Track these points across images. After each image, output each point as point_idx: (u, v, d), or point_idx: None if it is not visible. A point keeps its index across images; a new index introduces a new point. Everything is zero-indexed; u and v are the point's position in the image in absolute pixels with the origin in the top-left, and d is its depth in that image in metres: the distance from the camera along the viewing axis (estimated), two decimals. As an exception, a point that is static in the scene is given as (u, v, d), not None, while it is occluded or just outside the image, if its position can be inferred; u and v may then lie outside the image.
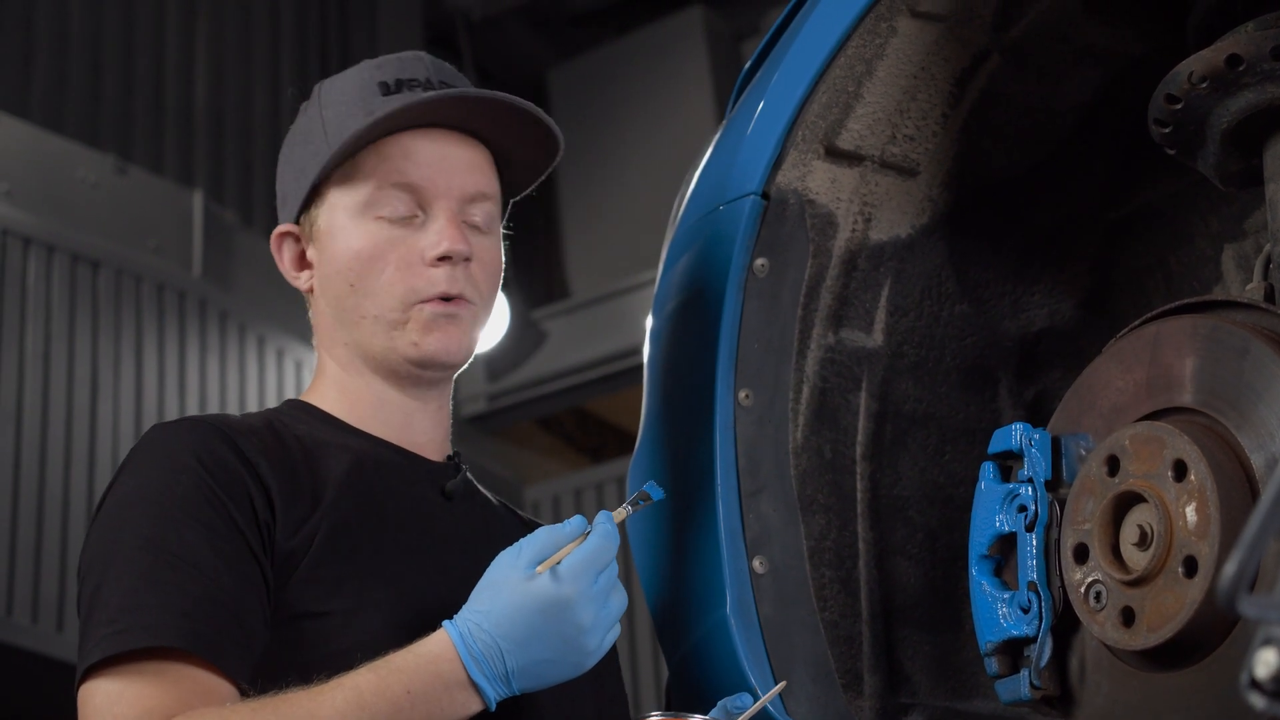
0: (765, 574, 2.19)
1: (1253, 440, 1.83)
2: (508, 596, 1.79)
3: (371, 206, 1.99)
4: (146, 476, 1.86)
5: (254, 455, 1.87)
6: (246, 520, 1.83)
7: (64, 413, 5.40)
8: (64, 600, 5.26)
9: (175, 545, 1.79)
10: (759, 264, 2.25)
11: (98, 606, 1.78)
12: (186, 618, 1.75)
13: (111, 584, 1.78)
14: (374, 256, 1.98)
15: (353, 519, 1.89)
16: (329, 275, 2.01)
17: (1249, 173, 2.08)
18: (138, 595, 1.76)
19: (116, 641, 1.74)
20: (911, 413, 2.36)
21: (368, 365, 2.01)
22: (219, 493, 1.83)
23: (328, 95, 2.04)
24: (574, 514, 1.90)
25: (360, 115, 1.99)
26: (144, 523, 1.81)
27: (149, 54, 6.57)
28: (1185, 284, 2.40)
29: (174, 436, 1.89)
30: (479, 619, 1.78)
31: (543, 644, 1.78)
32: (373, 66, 2.05)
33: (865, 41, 2.25)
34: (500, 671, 1.77)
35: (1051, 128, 2.38)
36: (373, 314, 1.98)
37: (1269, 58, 1.96)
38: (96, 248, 5.65)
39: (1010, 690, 2.02)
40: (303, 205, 2.03)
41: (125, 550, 1.80)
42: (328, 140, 1.99)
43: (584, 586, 1.80)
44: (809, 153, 2.27)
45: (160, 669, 1.74)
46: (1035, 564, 2.00)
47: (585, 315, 7.20)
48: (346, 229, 2.00)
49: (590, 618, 1.80)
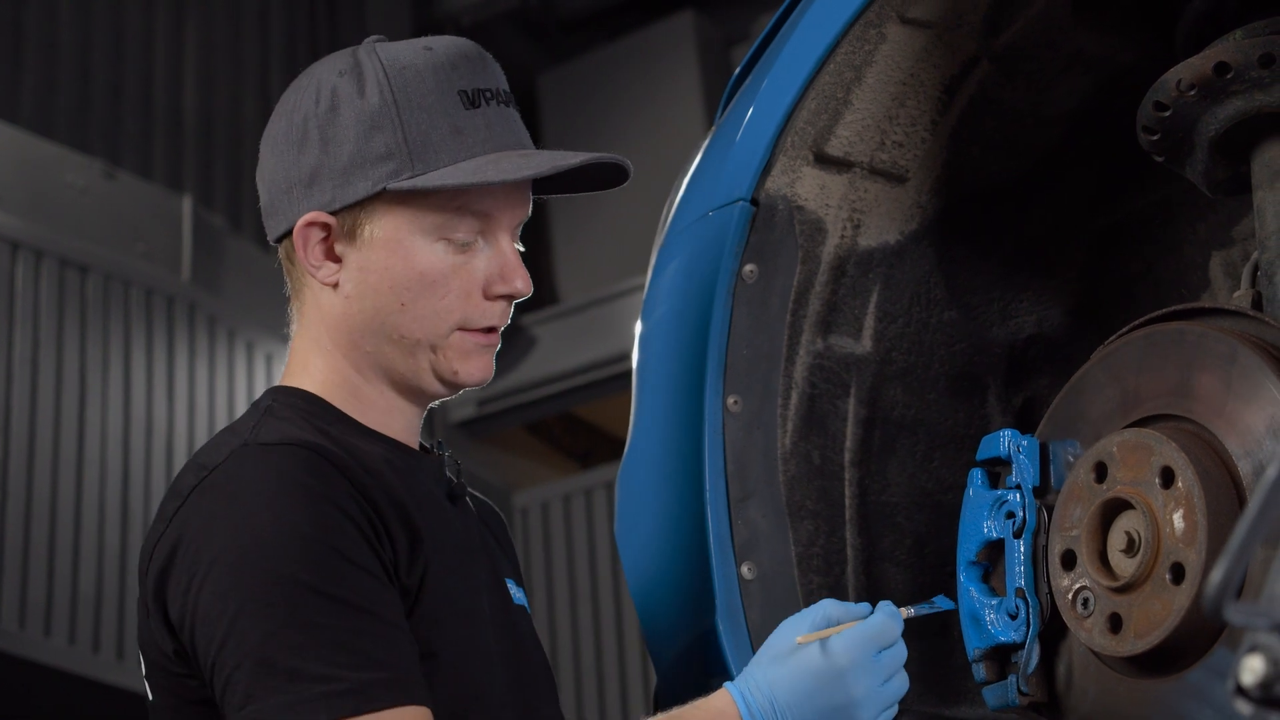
0: (754, 580, 2.19)
1: (1240, 447, 1.83)
2: (788, 660, 1.82)
3: (442, 229, 1.89)
4: (281, 508, 1.75)
5: (368, 487, 1.80)
6: (385, 555, 1.78)
7: (52, 418, 5.40)
8: (51, 605, 5.25)
9: (354, 590, 1.72)
10: (748, 270, 2.25)
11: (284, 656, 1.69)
12: (393, 668, 1.71)
13: (301, 634, 1.69)
14: (436, 281, 1.89)
15: (438, 553, 1.84)
16: (376, 286, 1.90)
17: (1237, 180, 2.08)
18: (344, 651, 1.69)
19: (343, 705, 1.67)
20: (900, 419, 2.36)
21: (387, 376, 1.94)
22: (362, 528, 1.76)
23: (402, 91, 1.90)
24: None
25: (446, 130, 1.89)
26: (312, 564, 1.72)
27: (138, 59, 6.57)
28: (1173, 291, 2.40)
29: (292, 464, 1.78)
30: (758, 679, 1.82)
31: (814, 711, 1.80)
32: (446, 65, 1.92)
33: (854, 48, 2.25)
34: None
35: (1040, 135, 2.38)
36: (416, 336, 1.90)
37: (1257, 65, 1.97)
38: (85, 252, 5.65)
39: (998, 696, 2.02)
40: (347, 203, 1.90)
41: (303, 595, 1.70)
42: (409, 151, 1.88)
43: (859, 658, 1.81)
44: (798, 159, 2.27)
45: (398, 717, 1.70)
46: (1023, 570, 2.00)
47: (574, 321, 7.19)
48: (411, 247, 1.89)
49: (862, 690, 1.81)
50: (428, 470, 1.95)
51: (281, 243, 1.98)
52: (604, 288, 7.14)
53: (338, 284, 1.92)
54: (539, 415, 7.48)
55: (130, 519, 5.52)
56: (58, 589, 5.27)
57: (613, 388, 6.90)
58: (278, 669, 1.68)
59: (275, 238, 1.99)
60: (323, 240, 1.92)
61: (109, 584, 5.40)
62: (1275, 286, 1.97)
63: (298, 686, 1.67)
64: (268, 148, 1.97)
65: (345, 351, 1.94)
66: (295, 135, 1.93)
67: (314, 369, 1.95)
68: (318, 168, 1.91)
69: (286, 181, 1.93)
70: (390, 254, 1.90)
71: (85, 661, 5.27)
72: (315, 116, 1.92)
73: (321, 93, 1.93)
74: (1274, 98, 1.97)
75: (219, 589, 1.72)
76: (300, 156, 1.92)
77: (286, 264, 1.99)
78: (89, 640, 5.30)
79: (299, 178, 1.92)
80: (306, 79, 1.97)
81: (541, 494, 7.18)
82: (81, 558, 5.36)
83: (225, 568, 1.73)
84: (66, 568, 5.31)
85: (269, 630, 1.69)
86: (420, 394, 1.95)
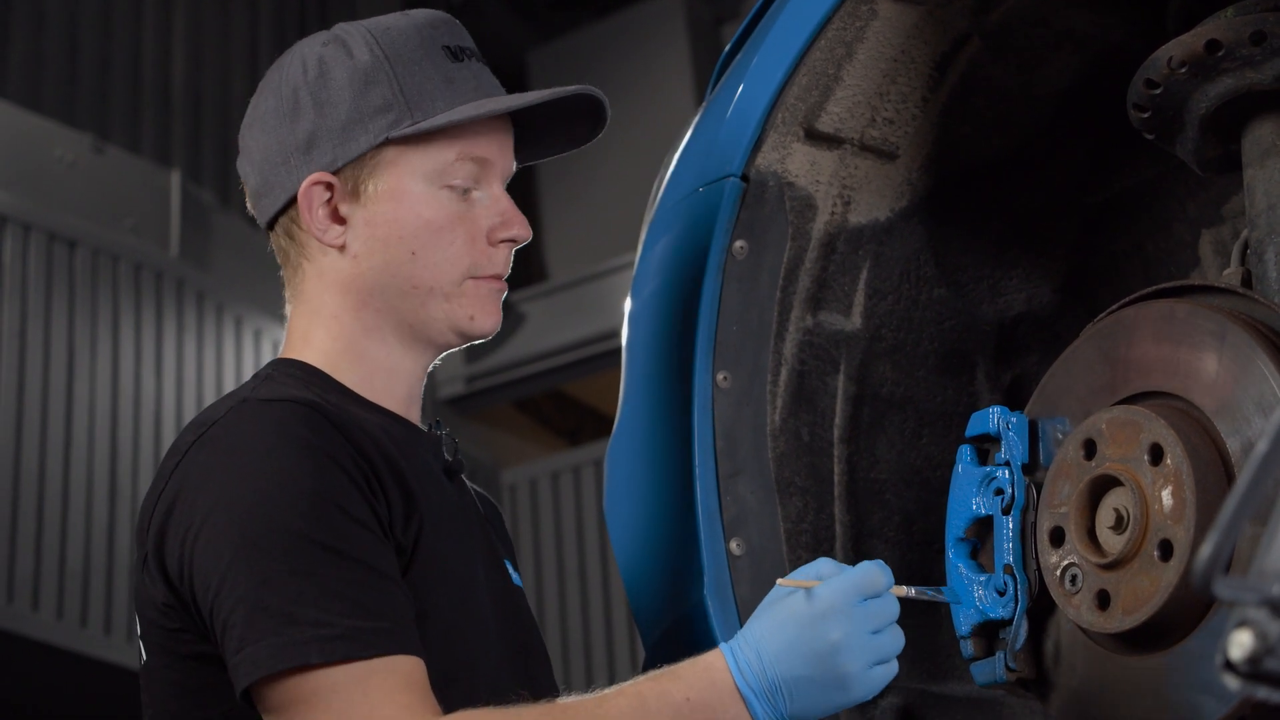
0: (742, 556, 2.19)
1: (1228, 424, 1.84)
2: (772, 612, 1.79)
3: (443, 175, 1.94)
4: (286, 462, 1.76)
5: (365, 446, 1.81)
6: (381, 510, 1.79)
7: (40, 393, 5.39)
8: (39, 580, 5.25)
9: (350, 542, 1.73)
10: (738, 246, 2.25)
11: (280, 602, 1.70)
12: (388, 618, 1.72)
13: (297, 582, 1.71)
14: (443, 227, 1.94)
15: (433, 516, 1.86)
16: (385, 239, 1.93)
17: (1227, 158, 2.08)
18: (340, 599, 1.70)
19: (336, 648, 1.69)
20: (889, 396, 2.36)
21: (395, 332, 1.96)
22: (359, 483, 1.78)
23: (391, 48, 1.95)
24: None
25: (438, 80, 1.94)
26: (309, 516, 1.73)
27: (126, 33, 6.55)
28: (1163, 269, 2.40)
29: (294, 421, 1.80)
30: (747, 633, 1.78)
31: (799, 659, 1.75)
32: (426, 25, 1.98)
33: (845, 24, 2.25)
34: (765, 685, 1.75)
35: (1031, 112, 2.38)
36: (428, 284, 1.94)
37: (1248, 43, 1.96)
38: (73, 227, 5.64)
39: (986, 673, 2.03)
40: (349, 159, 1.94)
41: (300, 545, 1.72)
42: (405, 101, 1.93)
43: (839, 602, 1.76)
44: (788, 135, 2.27)
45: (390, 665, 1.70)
46: (1011, 547, 2.01)
47: (564, 298, 7.19)
48: (416, 196, 1.94)
49: (843, 634, 1.75)
50: (426, 445, 1.96)
51: (277, 222, 1.99)
52: (593, 265, 7.14)
53: (344, 246, 1.95)
54: (528, 392, 7.48)
55: (118, 494, 5.52)
56: (45, 564, 5.27)
57: (602, 365, 6.91)
58: (272, 613, 1.70)
59: (270, 216, 1.99)
60: (326, 203, 1.94)
61: (97, 559, 5.40)
62: (1265, 264, 1.98)
63: (291, 630, 1.69)
64: (255, 128, 1.99)
65: (354, 313, 1.96)
66: (286, 107, 1.96)
67: (315, 340, 1.97)
68: (314, 131, 1.94)
69: (282, 153, 1.95)
70: (396, 205, 1.94)
71: (73, 636, 5.27)
72: (305, 85, 1.95)
73: (308, 62, 1.96)
74: (1265, 75, 1.97)
75: (217, 536, 1.74)
76: (295, 125, 1.95)
77: (283, 242, 1.99)
78: (77, 615, 5.31)
79: (295, 145, 1.95)
80: (288, 56, 2.00)
81: (530, 471, 7.18)
82: (70, 533, 5.36)
83: (223, 516, 1.75)
84: (54, 543, 5.31)
85: (264, 576, 1.71)
86: (430, 346, 1.98)
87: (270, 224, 2.00)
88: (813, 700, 1.76)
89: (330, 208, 1.94)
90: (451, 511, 1.91)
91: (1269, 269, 1.97)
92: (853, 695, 1.77)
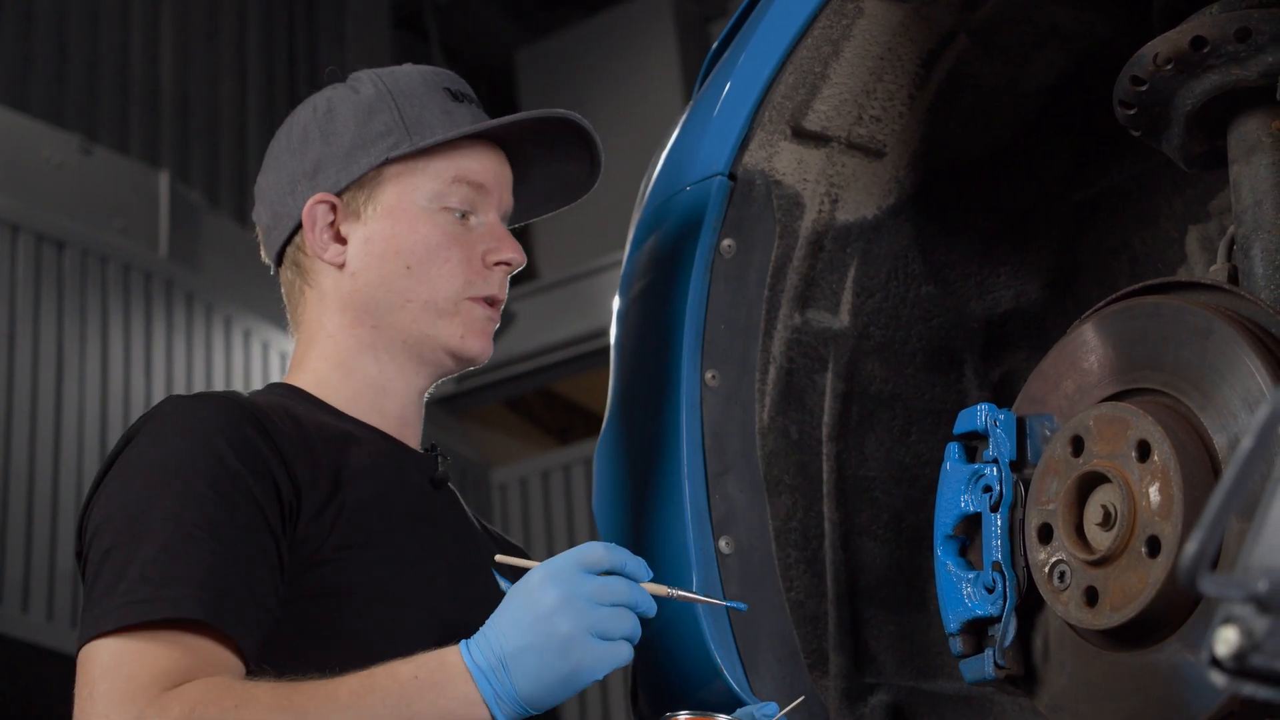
0: (731, 554, 2.19)
1: (1215, 421, 1.84)
2: (506, 597, 1.80)
3: (441, 197, 2.05)
4: (169, 446, 1.85)
5: (276, 434, 1.88)
6: (268, 498, 1.83)
7: (29, 394, 5.38)
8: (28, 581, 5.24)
9: (197, 518, 1.79)
10: (725, 245, 2.25)
11: (113, 572, 1.78)
12: (205, 590, 1.76)
13: (129, 551, 1.78)
14: (440, 245, 2.03)
15: (368, 503, 1.91)
16: (382, 254, 2.03)
17: (1213, 155, 2.09)
18: (159, 566, 1.76)
19: (136, 610, 1.74)
20: (878, 393, 2.36)
21: (389, 349, 2.04)
22: (242, 469, 1.83)
23: (395, 85, 2.07)
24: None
25: (437, 111, 2.06)
26: (166, 493, 1.81)
27: (114, 33, 6.53)
28: (1150, 265, 2.41)
29: (197, 409, 1.89)
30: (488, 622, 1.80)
31: (520, 628, 1.75)
32: (429, 72, 2.12)
33: (832, 22, 2.25)
34: (490, 661, 1.75)
35: (1018, 109, 2.39)
36: (423, 299, 2.02)
37: (1233, 40, 1.97)
38: (61, 228, 5.62)
39: (975, 670, 2.03)
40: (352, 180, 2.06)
41: (146, 519, 1.80)
42: (405, 125, 2.04)
43: (557, 571, 1.77)
44: (776, 134, 2.27)
45: (175, 638, 1.74)
46: (1000, 544, 2.01)
47: (553, 296, 7.19)
48: (415, 214, 2.04)
49: (557, 597, 1.75)
50: (412, 461, 2.02)
51: (284, 254, 2.09)
52: (583, 263, 7.13)
53: (344, 264, 2.04)
54: (518, 391, 7.48)
55: (108, 495, 5.50)
56: (35, 565, 5.26)
57: (591, 363, 6.90)
58: (100, 585, 1.78)
59: (279, 248, 2.10)
60: (329, 224, 2.05)
61: (87, 560, 5.39)
62: (1251, 261, 1.98)
63: (106, 600, 1.76)
64: (268, 170, 2.12)
65: (349, 329, 2.04)
66: (295, 142, 2.09)
67: (308, 363, 2.05)
68: (320, 159, 2.06)
69: (290, 182, 2.07)
70: (395, 223, 2.04)
71: (62, 637, 5.26)
72: (314, 121, 2.08)
73: (318, 104, 2.10)
74: (1250, 72, 1.97)
75: (94, 517, 1.84)
76: (303, 156, 2.07)
77: (289, 274, 2.09)
78: (67, 616, 5.29)
79: (303, 173, 2.06)
80: (301, 106, 2.13)
81: (520, 470, 7.18)
82: (59, 534, 5.35)
83: (104, 499, 1.85)
84: (44, 544, 5.30)
85: (109, 549, 1.79)
86: (422, 366, 2.04)
87: (279, 258, 2.10)
88: (537, 671, 1.74)
89: (333, 229, 2.05)
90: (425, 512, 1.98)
91: (1255, 265, 1.97)
92: (576, 666, 1.75)
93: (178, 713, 1.69)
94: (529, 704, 1.76)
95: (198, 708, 1.70)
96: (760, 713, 1.97)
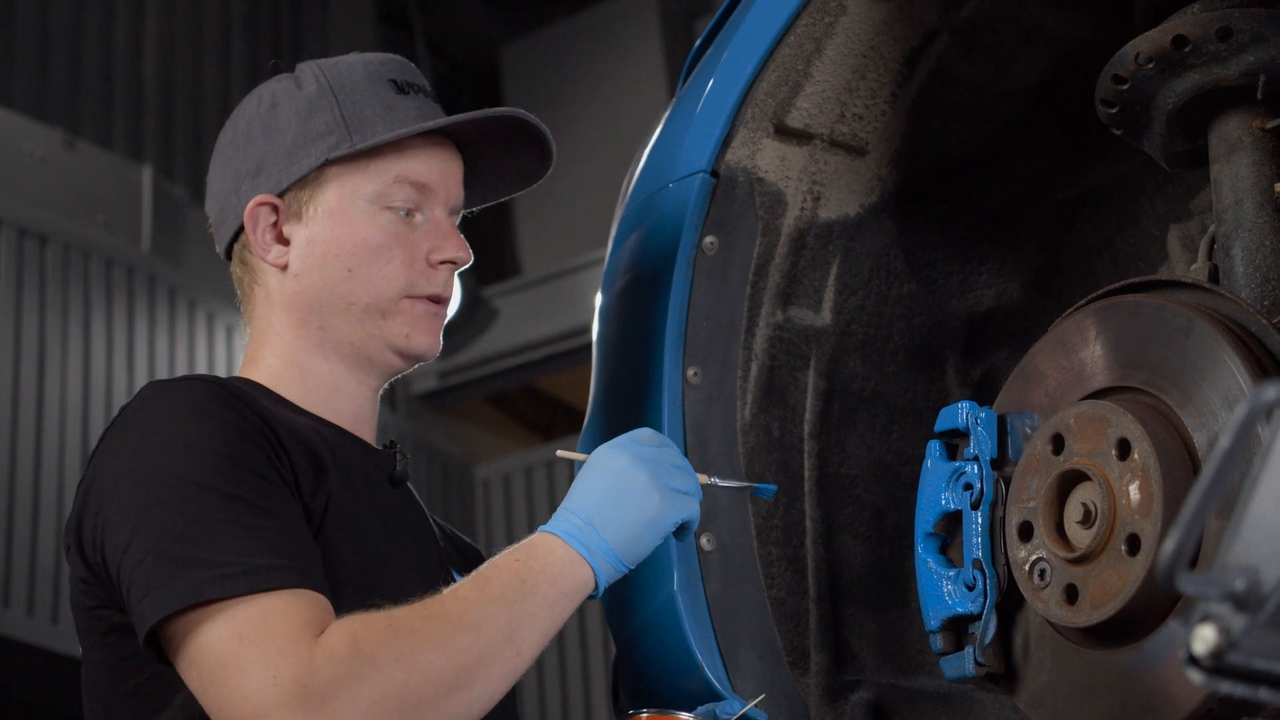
0: (713, 551, 2.19)
1: (1195, 419, 1.84)
2: (576, 479, 1.96)
3: (383, 197, 2.02)
4: (184, 424, 1.83)
5: (265, 414, 1.88)
6: (285, 471, 1.85)
7: (10, 389, 5.37)
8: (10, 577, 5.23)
9: (251, 489, 1.79)
10: (708, 242, 2.25)
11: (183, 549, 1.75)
12: (291, 557, 1.77)
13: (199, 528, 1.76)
14: (381, 246, 2.01)
15: (345, 494, 1.92)
16: (324, 256, 2.01)
17: (1194, 154, 2.09)
18: (240, 540, 1.75)
19: (239, 583, 1.73)
20: (859, 391, 2.37)
21: (336, 350, 2.03)
22: (258, 441, 1.84)
23: (335, 79, 2.04)
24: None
25: (378, 107, 2.02)
26: (208, 467, 1.79)
27: (98, 27, 6.52)
28: (1131, 264, 2.41)
29: (190, 389, 1.88)
30: (560, 507, 1.93)
31: (600, 489, 1.90)
32: (374, 62, 2.08)
33: (814, 20, 2.25)
34: (578, 522, 1.89)
35: (1000, 108, 2.39)
36: (365, 301, 2.00)
37: (1214, 39, 1.97)
38: (44, 222, 5.61)
39: (955, 667, 2.03)
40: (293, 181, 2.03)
41: (201, 494, 1.78)
42: (345, 124, 2.01)
43: (622, 442, 1.94)
44: (758, 131, 2.27)
45: (291, 595, 1.75)
46: (980, 542, 2.01)
47: (536, 293, 7.19)
48: (355, 215, 2.01)
49: (630, 456, 1.91)
50: (370, 457, 2.02)
51: (233, 250, 2.08)
52: (566, 260, 7.14)
53: (287, 265, 2.03)
54: (501, 388, 7.48)
55: (90, 490, 5.49)
56: (16, 560, 5.25)
57: (574, 360, 6.90)
58: (173, 559, 1.75)
59: (226, 244, 2.09)
60: (272, 225, 2.03)
61: (68, 556, 5.38)
62: (1232, 259, 1.98)
63: (192, 572, 1.74)
64: (215, 163, 2.10)
65: (297, 330, 2.03)
66: (240, 138, 2.06)
67: (262, 360, 2.05)
68: (263, 157, 2.03)
69: (235, 179, 2.05)
70: (335, 224, 2.01)
71: (44, 633, 5.25)
72: (258, 116, 2.05)
73: (263, 97, 2.07)
74: (1231, 71, 1.98)
75: (122, 501, 1.81)
76: (246, 153, 2.05)
77: (238, 270, 2.09)
78: (48, 612, 5.29)
79: (246, 171, 2.04)
80: (247, 98, 2.11)
81: (503, 466, 7.18)
82: (41, 529, 5.34)
83: (127, 482, 1.81)
84: (25, 539, 5.29)
85: (165, 527, 1.77)
86: (370, 366, 2.04)
87: (228, 253, 2.09)
88: (621, 520, 1.90)
89: (275, 229, 2.03)
90: (384, 508, 1.98)
91: (1235, 264, 1.98)
92: (656, 513, 1.91)
93: (343, 648, 1.72)
94: (619, 553, 1.89)
95: (357, 636, 1.73)
96: (722, 710, 1.99)
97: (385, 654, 1.72)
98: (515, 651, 1.80)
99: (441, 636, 1.76)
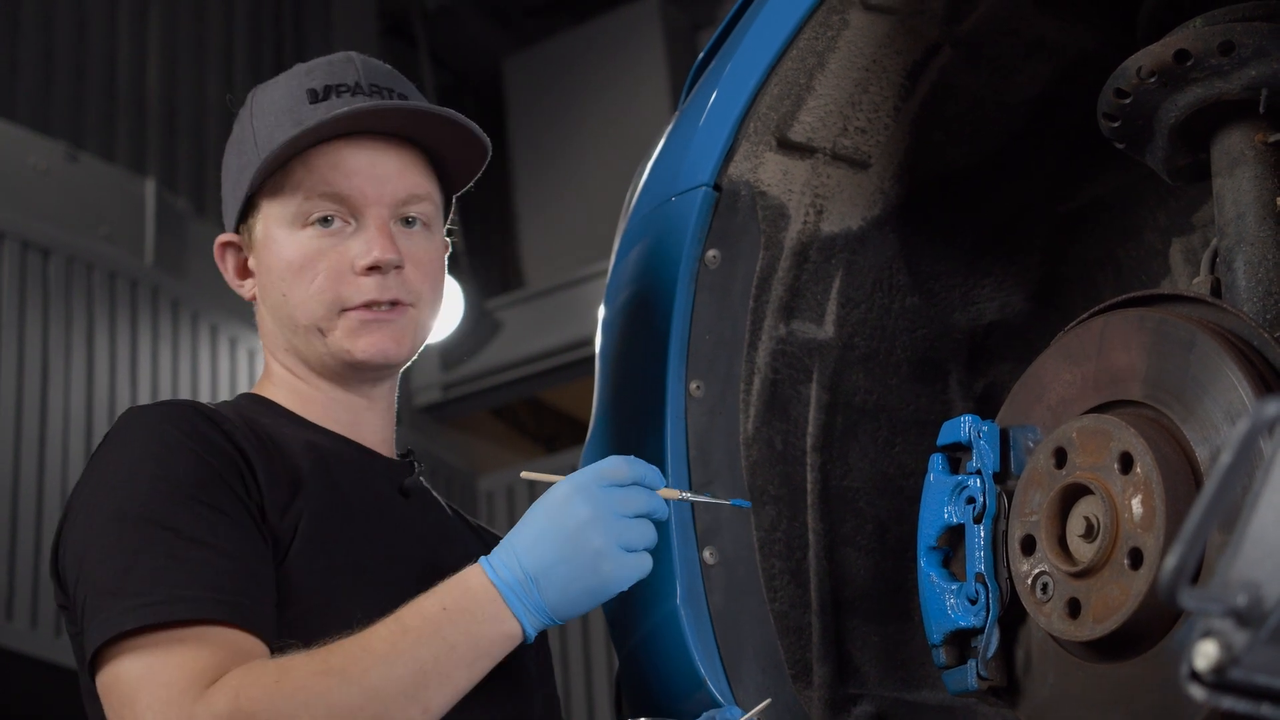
0: (716, 565, 2.19)
1: (1198, 433, 1.84)
2: (526, 513, 1.86)
3: (301, 217, 2.01)
4: (141, 454, 1.86)
5: (237, 437, 1.90)
6: (246, 496, 1.86)
7: (14, 401, 5.37)
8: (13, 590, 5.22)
9: (190, 521, 1.81)
10: (710, 255, 2.26)
11: (114, 579, 1.79)
12: (219, 590, 1.78)
13: (129, 559, 1.79)
14: (304, 266, 2.01)
15: (326, 509, 1.92)
16: (266, 284, 2.05)
17: (1197, 167, 2.09)
18: (167, 572, 1.78)
19: (154, 612, 1.76)
20: (862, 404, 2.37)
21: (310, 369, 2.06)
22: (218, 469, 1.85)
23: (258, 104, 2.05)
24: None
25: (288, 125, 2.00)
26: (153, 500, 1.82)
27: (101, 40, 6.53)
28: (1134, 277, 2.41)
29: (159, 417, 1.90)
30: (506, 539, 1.85)
31: (549, 543, 1.81)
32: (303, 72, 2.06)
33: (817, 34, 2.25)
34: (518, 578, 1.81)
35: (1002, 121, 2.39)
36: (304, 321, 2.02)
37: (1216, 53, 1.97)
38: (47, 235, 5.62)
39: (957, 681, 2.03)
40: (240, 215, 2.06)
41: (139, 527, 1.81)
42: (257, 151, 2.01)
43: (583, 485, 1.83)
44: (761, 144, 2.27)
45: (200, 634, 1.76)
46: (983, 555, 2.01)
47: (540, 305, 7.19)
48: (279, 239, 2.02)
49: (588, 511, 1.81)
50: (379, 467, 2.04)
51: None
52: (570, 272, 7.14)
53: (254, 296, 2.09)
54: (504, 399, 7.48)
55: (93, 503, 5.49)
56: (19, 573, 5.25)
57: (578, 372, 6.90)
58: (105, 592, 1.78)
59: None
60: (238, 259, 2.09)
61: (71, 568, 5.37)
62: (1234, 273, 1.98)
63: (117, 603, 1.77)
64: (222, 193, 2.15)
65: (277, 355, 2.08)
66: (224, 174, 2.12)
67: (268, 378, 2.10)
68: (225, 196, 2.10)
69: (228, 215, 2.10)
70: (266, 251, 2.04)
71: (47, 646, 5.25)
72: (227, 154, 2.10)
73: (232, 134, 2.10)
74: (1233, 85, 1.98)
75: (76, 534, 1.85)
76: (223, 192, 2.11)
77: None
78: (51, 625, 5.28)
79: (226, 208, 2.10)
80: None
81: (507, 478, 7.18)
82: (44, 543, 5.33)
83: (81, 514, 1.86)
84: (29, 552, 5.29)
85: (102, 559, 1.80)
86: (342, 378, 2.05)
87: None
88: (568, 586, 1.82)
89: (240, 261, 2.08)
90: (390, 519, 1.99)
91: (1238, 277, 1.98)
92: (606, 578, 1.82)
93: (224, 705, 1.72)
94: (556, 616, 1.83)
95: (241, 693, 1.73)
96: (722, 716, 1.98)
97: (265, 714, 1.72)
98: (421, 710, 1.76)
99: (330, 693, 1.74)
